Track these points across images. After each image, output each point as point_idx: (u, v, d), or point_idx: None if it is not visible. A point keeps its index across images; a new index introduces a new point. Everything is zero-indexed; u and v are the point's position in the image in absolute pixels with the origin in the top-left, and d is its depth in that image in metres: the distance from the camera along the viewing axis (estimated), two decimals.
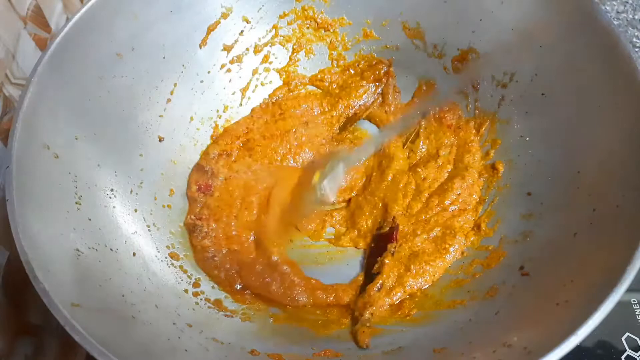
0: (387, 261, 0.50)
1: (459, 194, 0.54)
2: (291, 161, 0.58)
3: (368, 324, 0.47)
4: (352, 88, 0.62)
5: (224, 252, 0.52)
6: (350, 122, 0.61)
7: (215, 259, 0.52)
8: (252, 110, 0.62)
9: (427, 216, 0.53)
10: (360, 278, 0.52)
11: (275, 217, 0.54)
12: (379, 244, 0.52)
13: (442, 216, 0.53)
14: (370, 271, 0.51)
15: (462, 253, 0.51)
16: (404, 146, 0.59)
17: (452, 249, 0.51)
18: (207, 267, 0.52)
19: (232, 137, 0.59)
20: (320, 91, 0.63)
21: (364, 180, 0.57)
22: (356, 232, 0.55)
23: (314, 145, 0.59)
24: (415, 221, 0.53)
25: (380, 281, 0.49)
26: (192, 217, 0.54)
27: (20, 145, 0.40)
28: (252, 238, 0.53)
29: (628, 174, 0.41)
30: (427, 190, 0.55)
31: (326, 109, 0.62)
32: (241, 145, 0.59)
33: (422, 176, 0.56)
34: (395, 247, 0.51)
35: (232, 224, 0.54)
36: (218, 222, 0.54)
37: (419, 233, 0.52)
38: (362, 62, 0.62)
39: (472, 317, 0.44)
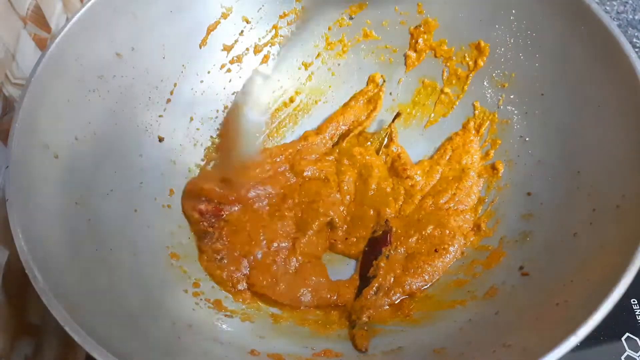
0: (382, 264, 0.50)
1: (454, 194, 0.54)
2: (293, 178, 0.57)
3: (366, 327, 0.47)
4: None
5: (235, 254, 0.51)
6: (343, 138, 0.60)
7: (224, 261, 0.51)
8: None
9: (420, 216, 0.53)
10: (357, 277, 0.51)
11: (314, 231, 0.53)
12: (374, 247, 0.52)
13: (435, 214, 0.53)
14: (365, 275, 0.51)
15: (462, 253, 0.51)
16: (378, 153, 0.58)
17: (451, 249, 0.51)
18: (211, 267, 0.51)
19: None
20: None
21: (349, 197, 0.56)
22: (354, 239, 0.54)
23: (308, 163, 0.58)
24: (408, 222, 0.53)
25: (377, 284, 0.49)
26: (205, 224, 0.53)
27: (20, 145, 0.40)
28: (284, 244, 0.52)
29: (628, 174, 0.41)
30: (419, 193, 0.55)
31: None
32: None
33: (410, 183, 0.55)
34: (389, 251, 0.51)
35: (261, 233, 0.53)
36: (238, 232, 0.53)
37: (412, 233, 0.52)
38: None
39: (472, 317, 0.44)
